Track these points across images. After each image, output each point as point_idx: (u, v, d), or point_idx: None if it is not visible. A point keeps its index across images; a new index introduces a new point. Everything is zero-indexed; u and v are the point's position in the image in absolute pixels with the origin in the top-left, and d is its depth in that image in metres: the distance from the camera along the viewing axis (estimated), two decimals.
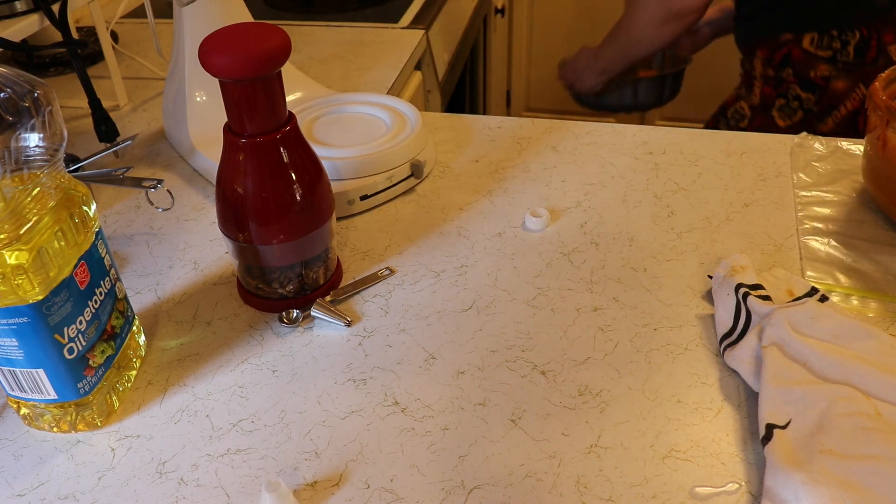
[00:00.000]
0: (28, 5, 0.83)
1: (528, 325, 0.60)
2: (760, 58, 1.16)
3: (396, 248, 0.70)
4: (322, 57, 1.12)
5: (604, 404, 0.53)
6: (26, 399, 0.52)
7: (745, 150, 0.82)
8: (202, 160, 0.80)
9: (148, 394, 0.56)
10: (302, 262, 0.61)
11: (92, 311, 0.51)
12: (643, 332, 0.59)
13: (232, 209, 0.58)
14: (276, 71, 0.54)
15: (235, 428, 0.53)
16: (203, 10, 0.79)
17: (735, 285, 0.59)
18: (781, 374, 0.51)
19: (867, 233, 0.69)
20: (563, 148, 0.84)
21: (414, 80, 1.20)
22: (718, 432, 0.51)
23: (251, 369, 0.58)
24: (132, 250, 0.71)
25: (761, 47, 1.15)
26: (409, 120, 0.80)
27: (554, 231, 0.71)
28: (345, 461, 0.50)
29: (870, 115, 0.69)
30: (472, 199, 0.76)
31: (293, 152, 0.57)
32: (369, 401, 0.55)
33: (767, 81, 1.16)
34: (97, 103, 0.86)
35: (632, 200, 0.75)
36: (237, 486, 0.49)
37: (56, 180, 0.48)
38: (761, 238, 0.68)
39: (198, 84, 0.81)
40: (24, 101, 0.46)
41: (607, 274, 0.65)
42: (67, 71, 1.09)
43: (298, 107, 0.83)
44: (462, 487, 0.48)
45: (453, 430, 0.52)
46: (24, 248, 0.45)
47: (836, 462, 0.45)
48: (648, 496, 0.47)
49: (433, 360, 0.58)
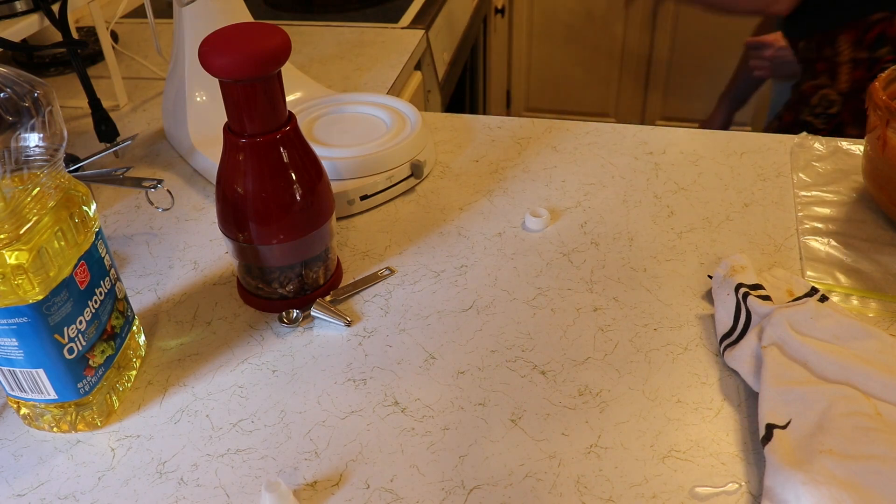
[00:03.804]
0: (28, 5, 0.83)
1: (528, 325, 0.60)
2: (847, 41, 1.14)
3: (396, 248, 0.70)
4: (322, 57, 1.12)
5: (604, 404, 0.53)
6: (26, 399, 0.52)
7: (745, 150, 0.82)
8: (202, 160, 0.80)
9: (148, 394, 0.56)
10: (302, 262, 0.61)
11: (92, 311, 0.51)
12: (643, 332, 0.59)
13: (232, 209, 0.58)
14: (276, 71, 0.54)
15: (235, 428, 0.53)
16: (203, 10, 0.79)
17: (735, 285, 0.59)
18: (781, 374, 0.51)
19: (867, 233, 0.69)
20: (563, 148, 0.84)
21: (414, 80, 1.20)
22: (718, 432, 0.51)
23: (251, 369, 0.58)
24: (132, 250, 0.71)
25: (846, 31, 1.14)
26: (409, 120, 0.80)
27: (554, 231, 0.71)
28: (345, 461, 0.50)
29: (870, 115, 0.69)
30: (472, 199, 0.76)
31: (293, 152, 0.57)
32: (369, 401, 0.55)
33: (858, 65, 1.14)
34: (97, 103, 0.86)
35: (632, 200, 0.75)
36: (237, 486, 0.49)
37: (56, 180, 0.48)
38: (761, 238, 0.68)
39: (198, 84, 0.81)
40: (24, 101, 0.46)
41: (607, 274, 0.65)
42: (67, 71, 1.09)
43: (298, 107, 0.83)
44: (462, 487, 0.48)
45: (453, 430, 0.52)
46: (24, 248, 0.45)
47: (836, 462, 0.45)
48: (648, 496, 0.47)
49: (433, 360, 0.58)
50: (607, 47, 2.18)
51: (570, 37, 2.20)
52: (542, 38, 2.24)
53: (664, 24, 2.09)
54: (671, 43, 2.11)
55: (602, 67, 2.22)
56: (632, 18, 2.12)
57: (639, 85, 2.21)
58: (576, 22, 2.16)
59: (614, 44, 2.17)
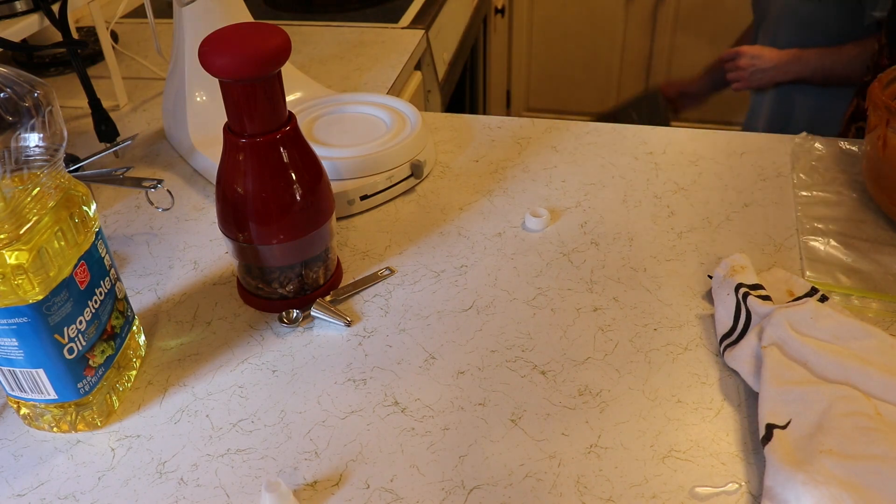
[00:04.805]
0: (28, 5, 0.83)
1: (528, 325, 0.60)
2: None
3: (396, 248, 0.70)
4: (322, 57, 1.12)
5: (604, 404, 0.53)
6: (26, 399, 0.52)
7: (745, 150, 0.82)
8: (202, 160, 0.80)
9: (148, 394, 0.56)
10: (302, 262, 0.61)
11: (92, 311, 0.51)
12: (643, 332, 0.59)
13: (232, 209, 0.58)
14: (276, 71, 0.54)
15: (235, 428, 0.53)
16: (203, 10, 0.79)
17: (735, 285, 0.59)
18: (781, 374, 0.51)
19: (867, 233, 0.69)
20: (563, 148, 0.84)
21: (414, 80, 1.20)
22: (718, 432, 0.51)
23: (251, 369, 0.58)
24: (132, 250, 0.71)
25: None
26: (409, 120, 0.80)
27: (554, 231, 0.71)
28: (345, 461, 0.50)
29: (870, 114, 0.69)
30: (472, 199, 0.76)
31: (293, 152, 0.57)
32: (369, 401, 0.55)
33: None
34: (97, 103, 0.86)
35: (632, 200, 0.75)
36: (237, 486, 0.49)
37: (56, 180, 0.48)
38: (761, 238, 0.68)
39: (198, 84, 0.81)
40: (24, 101, 0.46)
41: (607, 274, 0.65)
42: (67, 71, 1.09)
43: (298, 107, 0.83)
44: (462, 487, 0.48)
45: (453, 430, 0.52)
46: (24, 248, 0.45)
47: (836, 462, 0.45)
48: (648, 496, 0.47)
49: (433, 360, 0.58)
50: (607, 47, 2.18)
51: (570, 37, 2.20)
52: (542, 38, 2.24)
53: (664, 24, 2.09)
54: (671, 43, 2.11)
55: (602, 67, 2.22)
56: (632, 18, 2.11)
57: (639, 85, 2.21)
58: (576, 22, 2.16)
59: (614, 44, 2.17)
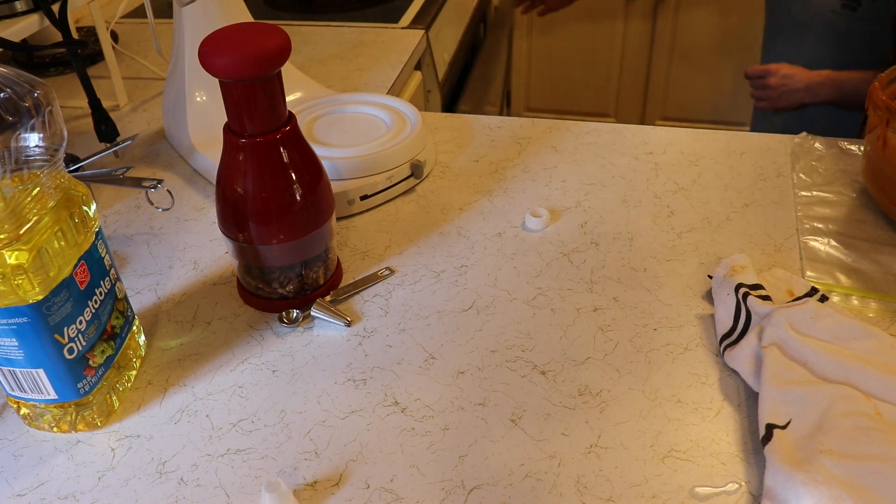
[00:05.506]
0: (28, 5, 0.83)
1: (528, 325, 0.60)
2: None
3: (396, 248, 0.70)
4: (322, 57, 1.12)
5: (604, 404, 0.53)
6: (26, 399, 0.52)
7: (745, 150, 0.82)
8: (202, 160, 0.80)
9: (148, 394, 0.56)
10: (302, 262, 0.61)
11: (92, 311, 0.51)
12: (643, 332, 0.59)
13: (232, 209, 0.58)
14: (276, 71, 0.54)
15: (235, 428, 0.53)
16: (203, 10, 0.79)
17: (735, 285, 0.59)
18: (781, 374, 0.51)
19: (867, 233, 0.69)
20: (563, 148, 0.84)
21: (414, 80, 1.20)
22: (718, 432, 0.51)
23: (251, 369, 0.58)
24: (132, 250, 0.71)
25: None
26: (409, 120, 0.80)
27: (554, 231, 0.71)
28: (345, 461, 0.50)
29: (870, 114, 0.69)
30: (472, 199, 0.76)
31: (293, 152, 0.57)
32: (369, 401, 0.55)
33: None
34: (97, 103, 0.86)
35: (632, 200, 0.75)
36: (237, 486, 0.49)
37: (56, 180, 0.48)
38: (761, 238, 0.68)
39: (198, 84, 0.81)
40: (24, 101, 0.46)
41: (607, 274, 0.65)
42: (67, 71, 1.09)
43: (298, 107, 0.83)
44: (462, 487, 0.48)
45: (453, 430, 0.52)
46: (24, 248, 0.45)
47: (836, 462, 0.45)
48: (648, 496, 0.47)
49: (433, 360, 0.58)
50: (607, 47, 2.18)
51: (570, 37, 2.20)
52: (542, 39, 2.24)
53: (664, 24, 2.09)
54: (671, 43, 2.11)
55: (602, 67, 2.21)
56: (632, 18, 2.11)
57: (639, 85, 2.21)
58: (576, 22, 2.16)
59: (614, 44, 2.17)
